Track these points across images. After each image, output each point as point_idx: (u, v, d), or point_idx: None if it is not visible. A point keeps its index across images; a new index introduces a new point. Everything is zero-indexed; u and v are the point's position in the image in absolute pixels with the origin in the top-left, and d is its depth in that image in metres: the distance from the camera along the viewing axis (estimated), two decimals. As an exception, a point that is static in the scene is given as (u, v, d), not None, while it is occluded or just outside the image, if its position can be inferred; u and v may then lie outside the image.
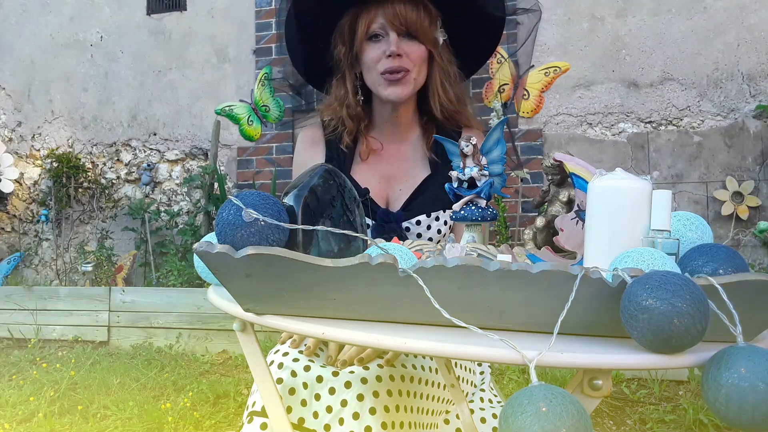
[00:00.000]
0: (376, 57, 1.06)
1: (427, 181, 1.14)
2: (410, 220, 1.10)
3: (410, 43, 1.06)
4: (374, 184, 1.13)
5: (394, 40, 1.04)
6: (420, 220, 1.10)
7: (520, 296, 0.51)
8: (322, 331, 0.54)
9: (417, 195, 1.13)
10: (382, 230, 1.07)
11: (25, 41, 4.46)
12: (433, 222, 1.11)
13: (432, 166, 1.15)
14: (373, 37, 1.07)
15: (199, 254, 0.54)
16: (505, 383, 2.48)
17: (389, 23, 1.04)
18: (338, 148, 1.16)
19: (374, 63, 1.07)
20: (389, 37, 1.05)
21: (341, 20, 1.10)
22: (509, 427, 0.40)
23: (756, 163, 3.18)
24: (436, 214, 1.11)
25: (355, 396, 0.84)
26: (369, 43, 1.07)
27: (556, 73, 1.10)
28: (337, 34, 1.12)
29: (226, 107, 1.55)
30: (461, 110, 1.15)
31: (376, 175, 1.15)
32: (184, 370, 2.76)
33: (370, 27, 1.06)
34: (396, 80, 1.06)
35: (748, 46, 3.20)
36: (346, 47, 1.11)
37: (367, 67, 1.09)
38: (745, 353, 0.43)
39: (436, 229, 1.11)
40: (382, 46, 1.06)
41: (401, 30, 1.05)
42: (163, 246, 3.87)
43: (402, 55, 1.05)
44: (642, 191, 0.59)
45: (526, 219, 3.36)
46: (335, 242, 0.67)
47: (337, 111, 1.14)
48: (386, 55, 1.05)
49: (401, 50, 1.05)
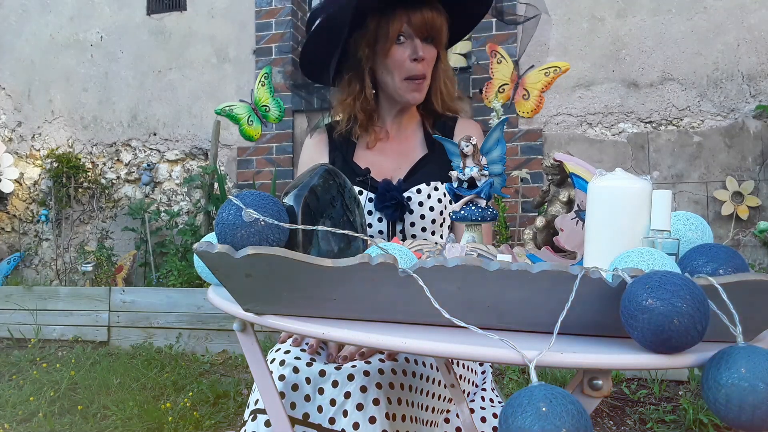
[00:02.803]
0: (401, 60, 1.10)
1: (425, 158, 1.19)
2: (411, 189, 1.13)
3: (427, 47, 1.11)
4: (376, 165, 1.17)
5: (419, 45, 1.09)
6: (420, 188, 1.14)
7: (520, 296, 0.51)
8: (322, 331, 0.54)
9: (416, 170, 1.17)
10: (384, 199, 1.10)
11: (25, 41, 4.46)
12: (432, 191, 1.14)
13: (429, 146, 1.20)
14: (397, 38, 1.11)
15: (199, 254, 0.54)
16: (505, 383, 2.48)
17: (416, 28, 1.09)
18: (343, 142, 1.21)
19: (398, 67, 1.11)
20: (414, 41, 1.09)
21: (368, 22, 1.12)
22: (509, 427, 0.40)
23: (756, 163, 3.18)
24: (435, 184, 1.15)
25: (359, 387, 0.85)
26: (395, 46, 1.11)
27: (556, 73, 1.10)
28: (361, 35, 1.13)
29: (226, 107, 1.54)
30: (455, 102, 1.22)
31: (378, 158, 1.19)
32: (184, 370, 2.76)
33: (399, 30, 1.09)
34: (417, 86, 1.12)
35: (748, 46, 3.20)
36: (370, 49, 1.13)
37: (389, 70, 1.13)
38: (745, 353, 0.43)
39: (436, 199, 1.14)
40: (407, 50, 1.10)
41: (425, 35, 1.10)
42: (163, 246, 3.87)
43: (425, 59, 1.10)
44: (642, 191, 0.59)
45: (526, 219, 3.36)
46: (335, 242, 0.67)
47: (351, 106, 1.18)
48: (411, 59, 1.09)
49: (424, 55, 1.10)
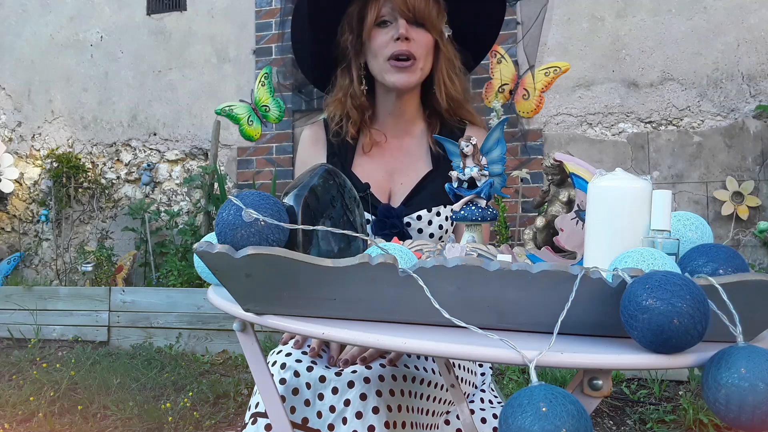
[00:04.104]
0: (384, 42, 1.06)
1: (428, 176, 1.13)
2: (411, 215, 1.10)
3: (418, 31, 1.07)
4: (376, 177, 1.13)
5: (403, 24, 1.05)
6: (421, 215, 1.10)
7: (520, 296, 0.51)
8: (323, 331, 0.54)
9: (418, 190, 1.12)
10: (384, 226, 1.07)
11: (25, 41, 4.46)
12: (434, 217, 1.10)
13: (434, 161, 1.15)
14: (381, 23, 1.08)
15: (199, 254, 0.54)
16: (505, 383, 2.48)
17: (398, 9, 1.05)
18: (340, 143, 1.16)
19: (381, 48, 1.07)
20: (397, 22, 1.05)
21: (349, 8, 1.11)
22: (509, 427, 0.40)
23: (756, 163, 3.18)
24: (437, 210, 1.11)
25: (358, 395, 0.84)
26: (377, 29, 1.08)
27: (556, 73, 1.10)
28: (345, 21, 1.12)
29: (226, 107, 1.54)
30: (466, 104, 1.16)
31: (379, 169, 1.14)
32: (184, 370, 2.76)
33: (379, 12, 1.06)
34: (403, 68, 1.06)
35: (748, 46, 3.20)
36: (354, 35, 1.11)
37: (373, 54, 1.09)
38: (745, 353, 0.43)
39: (437, 225, 1.10)
40: (391, 32, 1.06)
41: (410, 17, 1.06)
42: (163, 246, 3.87)
43: (410, 40, 1.05)
44: (642, 191, 0.59)
45: (526, 219, 3.36)
46: (335, 242, 0.67)
47: (342, 102, 1.14)
48: (394, 39, 1.05)
49: (409, 35, 1.05)
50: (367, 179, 1.11)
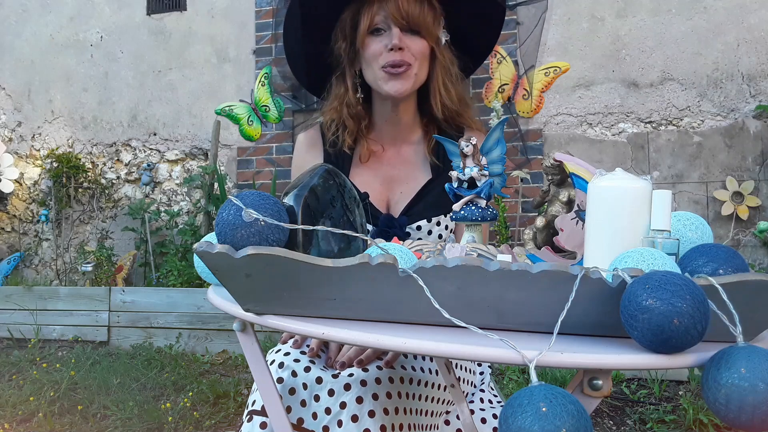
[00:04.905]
0: (378, 51, 1.04)
1: (428, 185, 1.12)
2: (411, 225, 1.09)
3: (412, 38, 1.04)
4: (374, 187, 1.12)
5: (396, 34, 1.02)
6: (421, 225, 1.09)
7: (520, 296, 0.51)
8: (322, 331, 0.54)
9: (418, 199, 1.11)
10: (386, 236, 1.05)
11: (25, 41, 4.46)
12: (434, 227, 1.10)
13: (433, 169, 1.13)
14: (374, 31, 1.05)
15: (199, 254, 0.54)
16: (505, 383, 2.47)
17: (392, 17, 1.03)
18: (337, 153, 1.14)
19: (375, 57, 1.05)
20: (391, 31, 1.03)
21: (342, 15, 1.09)
22: (509, 427, 0.40)
23: (756, 163, 3.18)
24: (437, 219, 1.10)
25: (354, 399, 0.84)
26: (371, 38, 1.05)
27: (556, 73, 1.10)
28: (338, 28, 1.10)
29: (226, 107, 1.54)
30: (462, 112, 1.13)
31: (377, 178, 1.13)
32: (184, 370, 2.76)
33: (372, 20, 1.04)
34: (397, 74, 1.04)
35: (748, 46, 3.20)
36: (347, 42, 1.09)
37: (367, 62, 1.07)
38: (745, 353, 0.43)
39: (437, 234, 1.10)
40: (384, 40, 1.04)
41: (403, 24, 1.03)
42: (163, 246, 3.87)
43: (404, 49, 1.03)
44: (642, 191, 0.59)
45: (526, 219, 3.35)
46: (335, 242, 0.67)
47: (338, 111, 1.12)
48: (388, 49, 1.03)
49: (403, 44, 1.03)
50: (365, 189, 1.10)
